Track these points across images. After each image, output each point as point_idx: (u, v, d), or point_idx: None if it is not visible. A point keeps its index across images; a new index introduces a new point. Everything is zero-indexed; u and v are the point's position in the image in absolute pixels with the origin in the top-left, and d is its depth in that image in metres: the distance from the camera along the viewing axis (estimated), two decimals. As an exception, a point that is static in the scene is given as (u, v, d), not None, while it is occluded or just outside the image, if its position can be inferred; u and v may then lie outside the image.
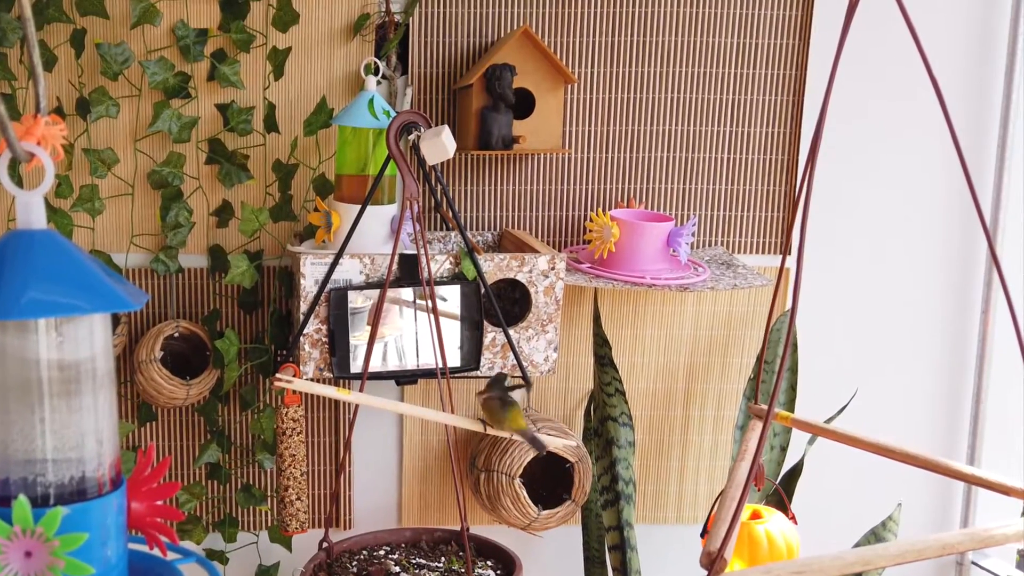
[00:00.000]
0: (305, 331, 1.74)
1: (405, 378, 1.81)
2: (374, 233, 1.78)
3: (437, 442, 2.12)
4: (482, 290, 1.77)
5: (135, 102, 1.91)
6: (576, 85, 2.01)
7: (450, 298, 1.78)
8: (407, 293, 1.76)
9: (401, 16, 1.94)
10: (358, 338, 1.75)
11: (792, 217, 2.03)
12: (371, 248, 1.77)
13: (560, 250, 2.06)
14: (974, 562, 2.30)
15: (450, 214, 1.89)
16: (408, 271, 1.76)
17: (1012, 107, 2.12)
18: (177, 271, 1.96)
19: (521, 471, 1.88)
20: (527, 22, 1.98)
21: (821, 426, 1.29)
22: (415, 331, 1.78)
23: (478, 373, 1.82)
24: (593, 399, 2.08)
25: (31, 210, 0.84)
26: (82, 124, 1.90)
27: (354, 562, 1.85)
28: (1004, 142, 2.13)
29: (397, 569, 1.83)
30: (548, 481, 1.97)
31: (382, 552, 1.90)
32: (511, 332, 1.81)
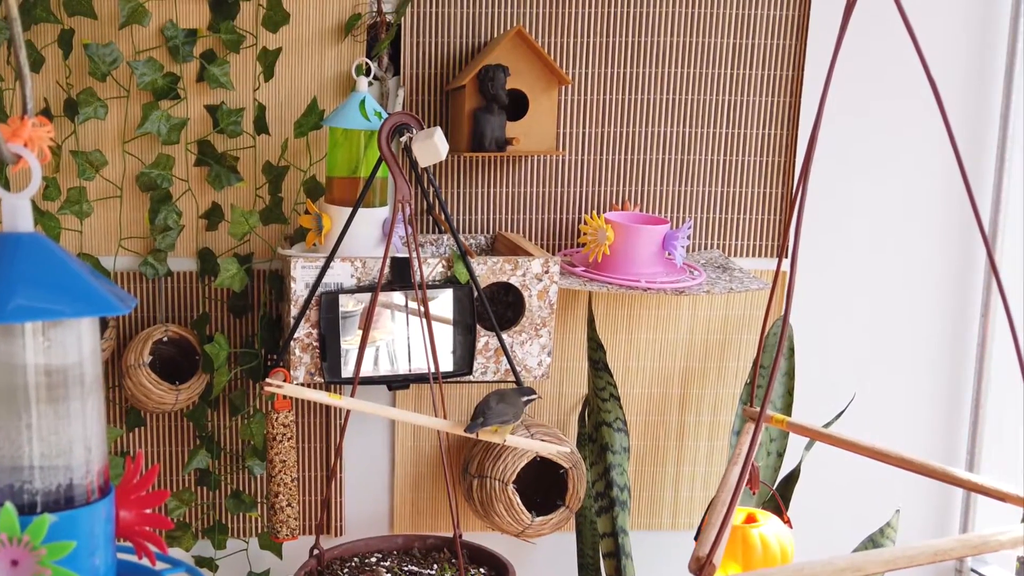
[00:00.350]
0: (296, 335, 1.73)
1: (397, 383, 1.80)
2: (365, 236, 1.78)
3: (429, 448, 2.12)
4: (475, 294, 1.77)
5: (123, 103, 1.91)
6: (570, 86, 2.01)
7: (443, 302, 1.77)
8: (399, 297, 1.76)
9: (393, 16, 1.93)
10: (349, 342, 1.75)
11: (789, 220, 2.03)
12: (362, 251, 1.77)
13: (554, 253, 2.06)
14: (973, 569, 2.29)
15: (442, 217, 1.89)
16: (400, 275, 1.75)
17: (1012, 108, 2.12)
18: (166, 274, 1.96)
19: (515, 477, 1.88)
20: (520, 22, 1.97)
21: (818, 430, 1.29)
22: (407, 335, 1.77)
23: (471, 378, 1.82)
24: (587, 404, 2.07)
25: (18, 213, 0.84)
26: (70, 125, 1.90)
27: (345, 569, 1.85)
28: (1004, 144, 2.13)
29: (389, 576, 1.84)
30: (542, 487, 1.97)
31: (374, 559, 1.89)
32: (504, 336, 1.81)
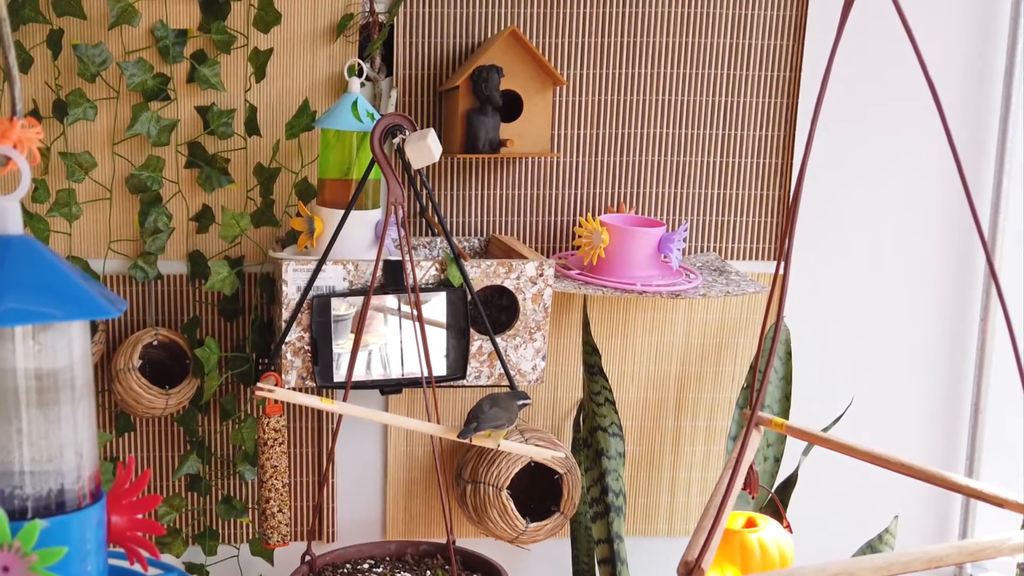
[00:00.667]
0: (287, 339, 1.73)
1: (390, 387, 1.80)
2: (358, 239, 1.77)
3: (422, 453, 2.11)
4: (468, 297, 1.76)
5: (113, 104, 1.90)
6: (565, 87, 2.00)
7: (436, 305, 1.77)
8: (392, 300, 1.75)
9: (385, 16, 1.93)
10: (341, 346, 1.74)
11: (787, 223, 2.02)
12: (355, 254, 1.76)
13: (548, 256, 2.05)
14: (972, 576, 2.29)
15: (436, 219, 1.89)
16: (393, 278, 1.75)
17: (1012, 110, 2.11)
18: (156, 278, 1.95)
19: (509, 482, 1.87)
20: (515, 22, 1.97)
21: (816, 434, 1.28)
22: (400, 339, 1.77)
23: (464, 382, 1.81)
24: (582, 409, 2.07)
25: (7, 215, 0.84)
26: (59, 127, 1.90)
27: (338, 576, 1.84)
28: (1003, 146, 2.13)
29: (382, 583, 1.84)
30: (536, 493, 1.97)
31: (366, 565, 1.89)
32: (498, 340, 1.80)
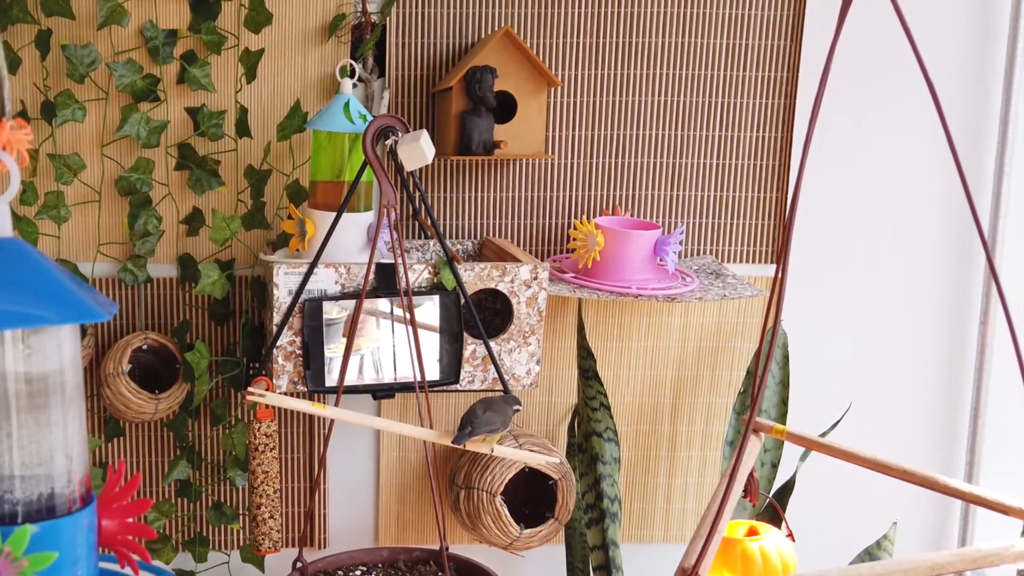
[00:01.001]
0: (278, 343, 1.73)
1: (382, 392, 1.79)
2: (350, 241, 1.77)
3: (415, 458, 2.11)
4: (462, 301, 1.76)
5: (102, 105, 1.91)
6: (559, 88, 2.00)
7: (429, 309, 1.76)
8: (384, 304, 1.75)
9: (378, 16, 1.93)
10: (333, 350, 1.74)
11: (785, 225, 2.02)
12: (347, 257, 1.76)
13: (543, 259, 2.05)
14: (972, 583, 2.27)
15: (429, 222, 1.89)
16: (385, 281, 1.74)
17: (1012, 110, 2.11)
18: (146, 281, 1.96)
19: (503, 488, 1.87)
20: (509, 23, 1.97)
21: (815, 440, 1.27)
22: (392, 343, 1.77)
23: (458, 387, 1.81)
24: (577, 414, 2.06)
25: None
26: (47, 128, 1.90)
27: (329, 583, 1.85)
28: (1003, 146, 2.12)
29: (373, 591, 1.84)
30: (530, 499, 1.96)
31: (358, 572, 1.89)
32: (492, 344, 1.80)
